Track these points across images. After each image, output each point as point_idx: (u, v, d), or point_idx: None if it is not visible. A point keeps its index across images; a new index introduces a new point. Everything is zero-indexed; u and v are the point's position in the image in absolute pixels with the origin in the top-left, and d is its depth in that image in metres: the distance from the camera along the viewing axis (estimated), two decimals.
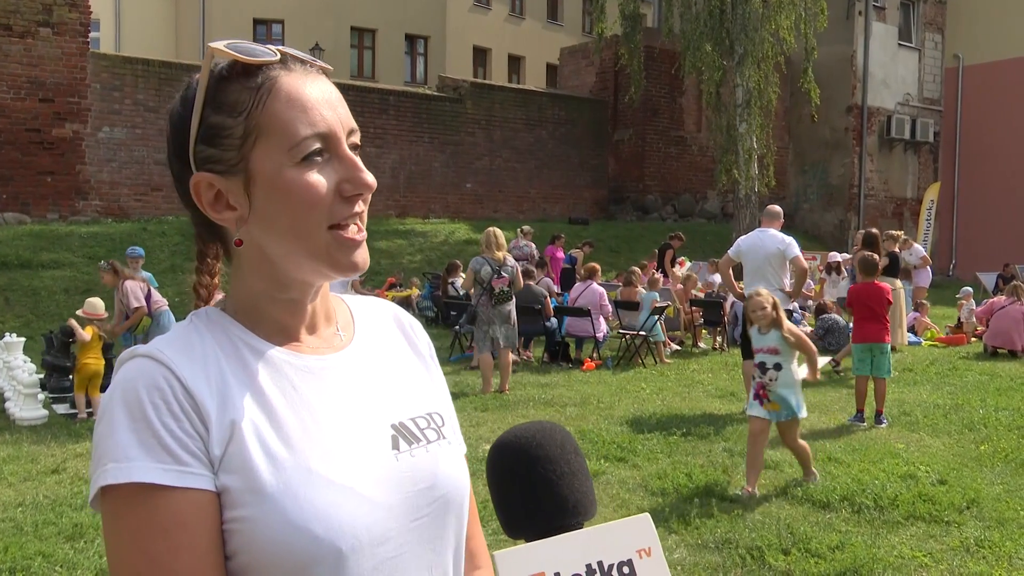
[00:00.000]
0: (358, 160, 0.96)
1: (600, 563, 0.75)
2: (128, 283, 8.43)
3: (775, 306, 5.52)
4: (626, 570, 0.75)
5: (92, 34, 16.54)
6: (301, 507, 0.87)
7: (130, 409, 0.87)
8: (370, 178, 0.95)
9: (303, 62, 0.97)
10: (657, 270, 14.72)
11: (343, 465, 0.92)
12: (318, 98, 0.94)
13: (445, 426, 1.06)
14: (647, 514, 0.78)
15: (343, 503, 0.90)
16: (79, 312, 7.89)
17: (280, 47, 0.97)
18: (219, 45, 0.93)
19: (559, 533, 0.76)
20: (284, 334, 1.00)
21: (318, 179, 0.93)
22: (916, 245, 15.32)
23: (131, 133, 16.62)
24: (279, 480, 0.88)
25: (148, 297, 8.54)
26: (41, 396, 7.78)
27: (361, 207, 0.97)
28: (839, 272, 15.42)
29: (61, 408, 8.10)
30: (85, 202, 16.14)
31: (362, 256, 0.97)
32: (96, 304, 7.88)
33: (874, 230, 10.73)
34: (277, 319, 1.00)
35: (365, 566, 0.90)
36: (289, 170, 0.93)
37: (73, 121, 15.80)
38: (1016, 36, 25.21)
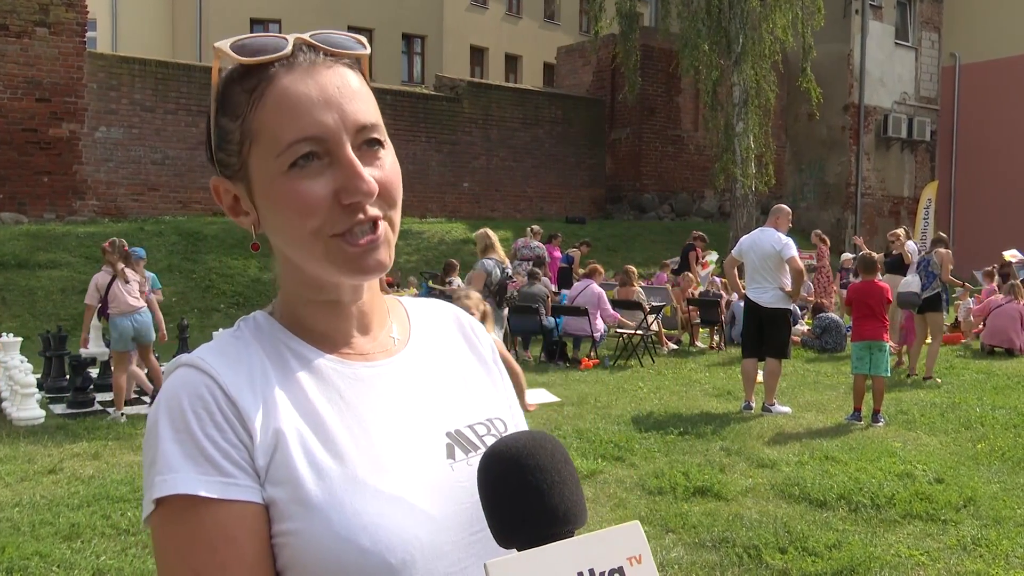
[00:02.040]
0: (358, 165, 0.87)
1: (591, 571, 0.75)
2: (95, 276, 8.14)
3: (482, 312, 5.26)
4: None
5: (89, 34, 16.51)
6: (347, 518, 0.84)
7: (173, 420, 0.84)
8: (370, 185, 0.87)
9: (316, 50, 0.91)
10: (679, 272, 14.83)
11: (393, 475, 0.88)
12: (314, 97, 0.87)
13: (508, 431, 1.00)
14: (637, 522, 0.78)
15: (392, 514, 0.86)
16: None
17: (301, 35, 0.91)
18: (222, 45, 0.88)
19: (550, 542, 0.77)
20: (331, 339, 0.96)
21: (308, 188, 0.87)
22: (910, 243, 15.34)
23: (128, 133, 16.60)
24: (325, 491, 0.85)
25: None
26: (38, 396, 7.77)
27: (373, 212, 0.89)
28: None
29: (58, 408, 8.10)
30: (82, 202, 16.12)
31: (373, 260, 0.89)
32: None
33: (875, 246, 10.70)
34: (321, 322, 0.96)
35: None
36: (279, 178, 0.88)
37: (70, 121, 15.78)
38: (1012, 35, 25.24)
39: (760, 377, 8.36)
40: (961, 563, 4.32)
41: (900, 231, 12.67)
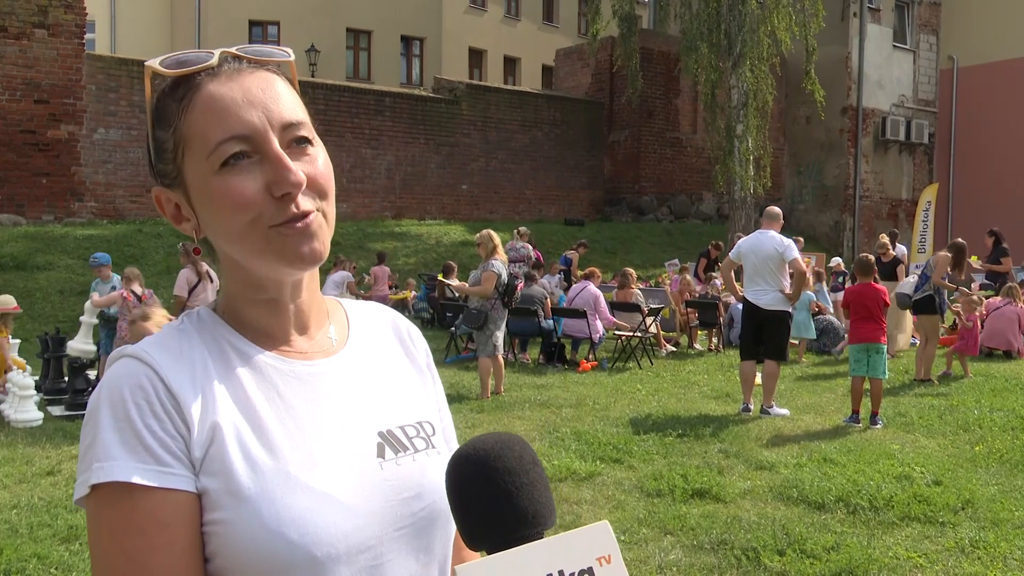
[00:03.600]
0: (285, 158, 0.91)
1: (561, 572, 0.76)
2: (183, 271, 8.80)
3: None
4: None
5: (87, 35, 16.53)
6: (277, 512, 0.87)
7: (114, 409, 0.87)
8: (297, 176, 0.91)
9: (240, 60, 0.95)
10: (694, 274, 14.98)
11: (323, 471, 0.92)
12: (237, 98, 0.92)
13: (435, 436, 1.04)
14: (606, 522, 0.79)
15: (320, 509, 0.89)
16: None
17: (230, 48, 0.96)
18: (152, 63, 0.93)
19: (519, 544, 0.77)
20: (271, 336, 0.99)
21: (240, 184, 0.90)
22: (899, 246, 15.39)
23: (126, 135, 16.60)
24: (257, 484, 0.88)
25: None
26: (36, 398, 7.77)
27: (305, 205, 0.92)
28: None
29: (56, 410, 8.09)
30: (80, 204, 16.12)
31: (308, 249, 0.93)
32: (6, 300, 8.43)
33: (960, 240, 10.57)
34: (261, 320, 0.99)
35: (343, 573, 0.89)
36: (211, 178, 0.92)
37: (68, 122, 15.78)
38: (1010, 37, 25.28)
39: (758, 379, 8.37)
40: (959, 565, 4.32)
41: (886, 238, 12.70)
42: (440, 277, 9.81)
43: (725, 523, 4.91)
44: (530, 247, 14.30)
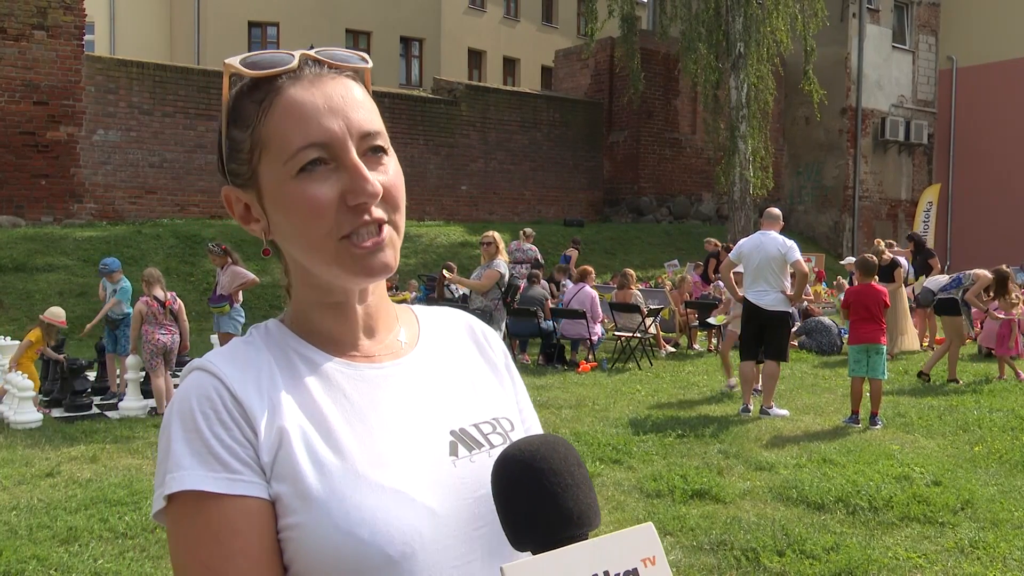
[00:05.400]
0: (363, 168, 0.91)
1: (606, 572, 0.76)
2: (234, 268, 9.13)
3: None
4: None
5: (86, 37, 16.54)
6: (347, 511, 0.86)
7: (184, 420, 0.88)
8: (375, 186, 0.91)
9: (320, 64, 0.95)
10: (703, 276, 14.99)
11: (394, 470, 0.91)
12: (319, 105, 0.92)
13: (514, 431, 1.03)
14: (651, 523, 0.79)
15: (391, 507, 0.88)
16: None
17: (307, 51, 0.96)
18: (232, 61, 0.93)
19: (564, 544, 0.78)
20: (338, 342, 0.99)
21: (317, 191, 0.91)
22: (900, 259, 15.38)
23: (126, 136, 16.60)
24: (325, 485, 0.88)
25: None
26: (36, 399, 7.77)
27: (378, 214, 0.93)
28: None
29: (56, 411, 8.09)
30: (80, 205, 16.12)
31: (379, 262, 0.93)
32: (57, 312, 8.65)
33: (1005, 268, 10.29)
34: (328, 326, 0.99)
35: (422, 574, 0.88)
36: (288, 183, 0.92)
37: (68, 124, 15.79)
38: (1009, 38, 25.29)
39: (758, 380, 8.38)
40: (959, 565, 4.32)
41: (882, 244, 12.71)
42: (444, 272, 9.82)
43: (725, 524, 4.91)
44: (535, 248, 14.30)
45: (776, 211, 8.50)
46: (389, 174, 0.95)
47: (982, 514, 5.10)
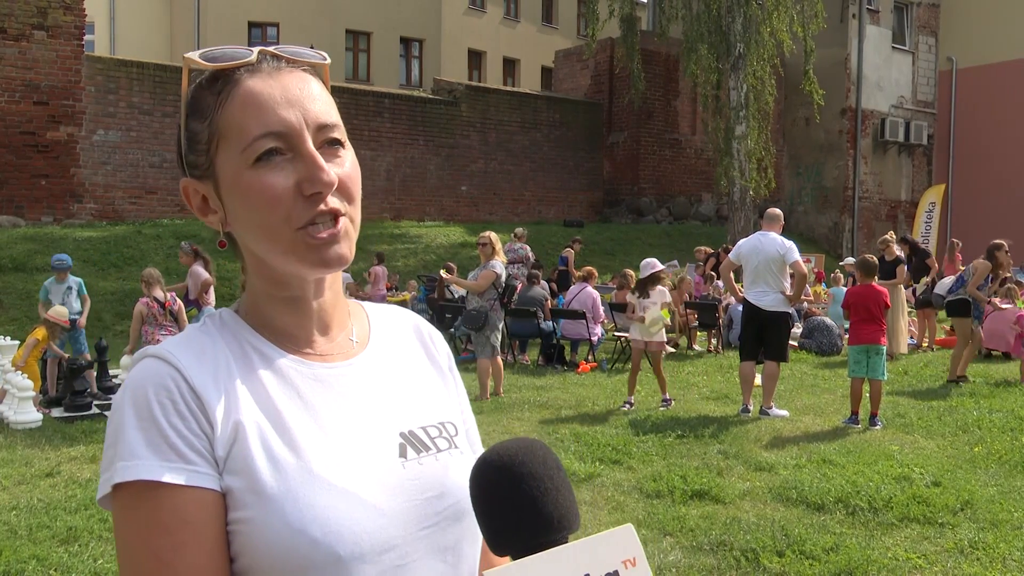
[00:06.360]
0: (319, 158, 0.92)
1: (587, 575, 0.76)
2: (193, 268, 9.31)
3: None
4: None
5: (86, 37, 16.55)
6: (300, 510, 0.87)
7: (138, 409, 0.88)
8: (330, 176, 0.92)
9: (279, 59, 0.97)
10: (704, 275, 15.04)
11: (346, 470, 0.92)
12: (276, 96, 0.93)
13: (458, 436, 1.05)
14: (631, 524, 0.79)
15: (343, 507, 0.89)
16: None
17: (266, 47, 0.97)
18: (192, 55, 0.95)
19: (545, 548, 0.77)
20: (293, 337, 1.00)
21: (273, 180, 0.92)
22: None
23: (126, 136, 16.61)
24: (280, 482, 0.88)
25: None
26: (36, 399, 7.77)
27: (334, 204, 0.94)
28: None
29: (55, 411, 8.09)
30: (80, 205, 16.12)
31: (335, 253, 0.94)
32: (61, 311, 8.68)
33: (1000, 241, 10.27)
34: (283, 320, 1.00)
35: (368, 573, 0.89)
36: (245, 172, 0.93)
37: (68, 124, 15.79)
38: (1009, 39, 25.29)
39: (758, 380, 8.37)
40: (958, 566, 4.32)
41: (890, 237, 12.69)
42: (443, 272, 9.83)
43: (724, 524, 4.91)
44: (528, 248, 14.33)
45: (776, 212, 8.50)
46: (345, 167, 0.96)
47: (982, 515, 5.09)
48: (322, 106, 0.96)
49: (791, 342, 10.32)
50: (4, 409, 7.77)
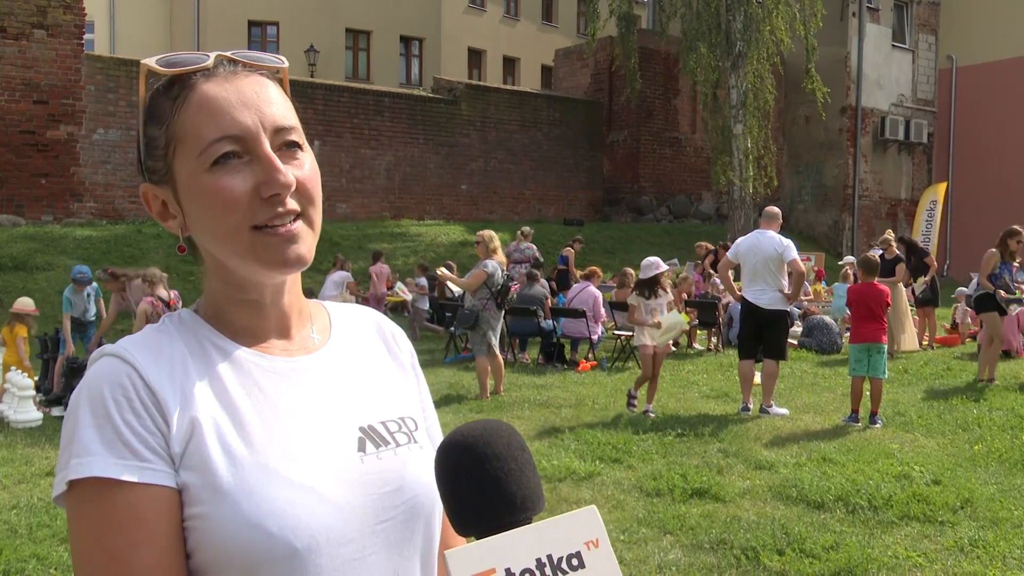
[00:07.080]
0: (275, 160, 0.92)
1: (550, 556, 0.77)
2: (134, 284, 9.28)
3: None
4: (575, 562, 0.77)
5: (86, 36, 16.54)
6: (257, 504, 0.88)
7: (93, 406, 0.88)
8: (287, 177, 0.92)
9: (235, 63, 0.97)
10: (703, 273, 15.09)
11: (303, 464, 0.92)
12: (232, 100, 0.93)
13: (418, 431, 1.05)
14: (594, 506, 0.80)
15: (300, 501, 0.90)
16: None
17: (224, 52, 0.97)
18: (148, 61, 0.95)
19: (508, 529, 0.78)
20: (252, 336, 1.00)
21: (230, 183, 0.92)
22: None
23: (126, 135, 16.59)
24: (236, 477, 0.88)
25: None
26: (36, 398, 7.77)
27: (292, 206, 0.94)
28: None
29: (56, 411, 8.09)
30: (79, 204, 16.12)
31: (293, 253, 0.94)
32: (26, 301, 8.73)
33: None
34: (242, 321, 1.00)
35: (324, 566, 0.90)
36: (202, 176, 0.93)
37: (67, 123, 15.79)
38: (1009, 37, 25.29)
39: (757, 379, 8.37)
40: (958, 564, 4.32)
41: (890, 235, 12.70)
42: (439, 270, 9.83)
43: (724, 523, 4.92)
44: (534, 247, 14.29)
45: (775, 210, 8.49)
46: (304, 169, 0.96)
47: (982, 513, 5.10)
48: (279, 109, 0.96)
49: (791, 341, 10.32)
50: (4, 408, 7.77)
